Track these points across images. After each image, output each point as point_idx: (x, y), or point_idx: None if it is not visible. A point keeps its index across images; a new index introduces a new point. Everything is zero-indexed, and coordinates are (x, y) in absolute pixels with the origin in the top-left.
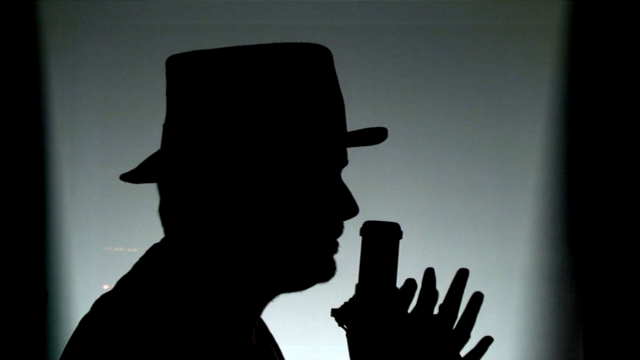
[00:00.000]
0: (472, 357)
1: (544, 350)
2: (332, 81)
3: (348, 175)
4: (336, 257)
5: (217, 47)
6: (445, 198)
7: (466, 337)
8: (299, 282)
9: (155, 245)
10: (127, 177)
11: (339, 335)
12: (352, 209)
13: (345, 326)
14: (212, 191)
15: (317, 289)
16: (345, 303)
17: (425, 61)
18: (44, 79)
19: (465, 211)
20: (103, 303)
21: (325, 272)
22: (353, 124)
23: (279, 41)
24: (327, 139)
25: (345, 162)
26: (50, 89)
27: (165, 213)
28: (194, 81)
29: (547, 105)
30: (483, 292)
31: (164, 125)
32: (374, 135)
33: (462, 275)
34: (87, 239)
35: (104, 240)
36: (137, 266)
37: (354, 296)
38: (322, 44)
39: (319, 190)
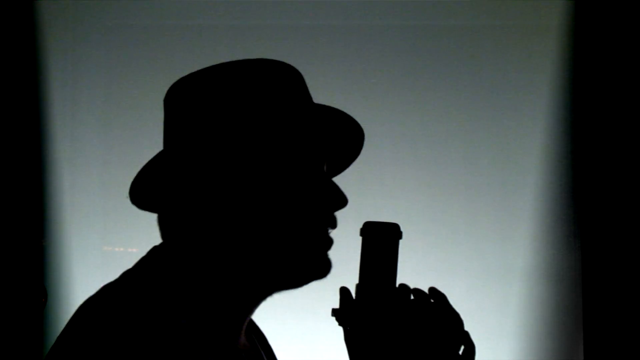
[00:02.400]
0: (467, 355)
1: (544, 350)
2: (303, 94)
3: (347, 175)
4: (331, 254)
5: (205, 67)
6: (445, 198)
7: (462, 336)
8: (294, 279)
9: (155, 247)
10: (134, 200)
11: (338, 336)
12: (339, 200)
13: (345, 326)
14: (207, 198)
15: (317, 289)
16: (346, 303)
17: (425, 61)
18: (44, 79)
19: (465, 211)
20: (106, 291)
21: (320, 268)
22: None
23: (278, 41)
24: (305, 138)
25: (324, 156)
26: (50, 89)
27: (165, 221)
28: (187, 101)
29: (548, 106)
30: (483, 292)
31: (164, 145)
32: (349, 133)
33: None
34: (87, 239)
35: (104, 240)
36: (139, 264)
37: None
38: (322, 44)
39: (304, 186)
